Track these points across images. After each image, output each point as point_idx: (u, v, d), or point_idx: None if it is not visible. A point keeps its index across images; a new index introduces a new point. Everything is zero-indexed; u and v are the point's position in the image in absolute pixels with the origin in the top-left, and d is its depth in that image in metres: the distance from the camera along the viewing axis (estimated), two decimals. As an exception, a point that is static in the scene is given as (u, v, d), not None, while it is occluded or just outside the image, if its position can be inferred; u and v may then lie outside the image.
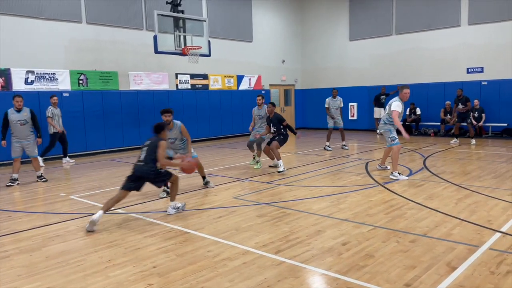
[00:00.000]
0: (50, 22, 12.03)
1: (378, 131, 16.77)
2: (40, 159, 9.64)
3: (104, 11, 13.19)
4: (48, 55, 12.00)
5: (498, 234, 4.57)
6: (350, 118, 18.73)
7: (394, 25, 17.28)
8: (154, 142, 5.57)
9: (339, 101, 12.21)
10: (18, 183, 8.32)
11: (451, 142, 13.05)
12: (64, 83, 12.27)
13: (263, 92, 18.42)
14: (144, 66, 14.23)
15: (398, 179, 7.64)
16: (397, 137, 7.91)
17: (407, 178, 7.74)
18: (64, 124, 11.38)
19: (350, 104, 18.69)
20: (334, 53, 19.44)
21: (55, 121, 10.94)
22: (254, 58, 18.29)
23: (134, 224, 5.37)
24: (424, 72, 16.50)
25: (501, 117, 14.61)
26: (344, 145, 12.38)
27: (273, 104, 8.88)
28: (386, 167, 8.59)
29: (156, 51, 11.48)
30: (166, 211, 5.82)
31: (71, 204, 6.69)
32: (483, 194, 6.37)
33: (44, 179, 8.65)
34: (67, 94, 12.27)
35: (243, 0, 17.68)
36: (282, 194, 6.85)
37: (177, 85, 15.31)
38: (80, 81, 12.67)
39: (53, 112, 10.91)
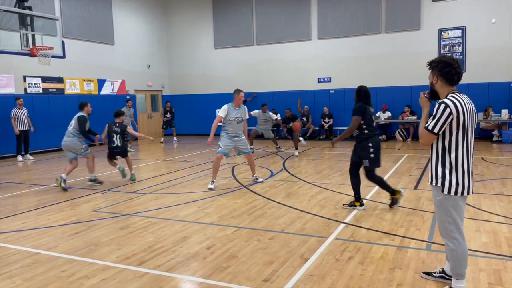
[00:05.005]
0: None
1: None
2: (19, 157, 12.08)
3: None
4: None
5: (342, 225, 5.19)
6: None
7: (255, 36, 18.32)
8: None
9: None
10: None
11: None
12: None
13: (128, 97, 17.65)
14: (-17, 66, 12.36)
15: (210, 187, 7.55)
16: (221, 146, 7.69)
17: (213, 187, 7.58)
18: None
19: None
20: (200, 60, 19.70)
21: (18, 122, 11.99)
22: (117, 61, 17.42)
23: (-32, 251, 4.61)
24: (282, 80, 17.87)
25: (346, 121, 16.63)
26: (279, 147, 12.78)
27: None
28: (257, 179, 8.15)
29: (-3, 50, 10.07)
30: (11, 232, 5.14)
31: None
32: (331, 190, 7.17)
33: None
34: None
35: (102, 0, 16.70)
36: (148, 203, 6.66)
37: (25, 88, 13.66)
38: None
39: (16, 113, 11.95)
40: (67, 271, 3.96)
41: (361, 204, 5.91)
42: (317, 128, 16.64)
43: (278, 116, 13.45)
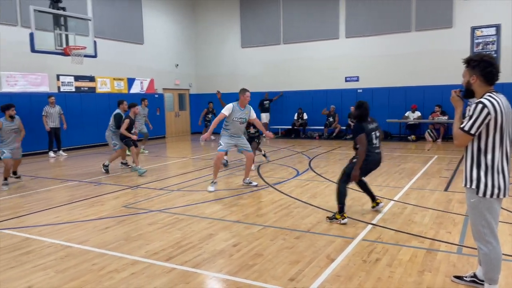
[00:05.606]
0: None
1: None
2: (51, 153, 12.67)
3: (-33, 2, 11.58)
4: None
5: (369, 226, 5.12)
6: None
7: (282, 35, 18.28)
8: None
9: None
10: None
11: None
12: None
13: (156, 96, 17.98)
14: (20, 66, 12.84)
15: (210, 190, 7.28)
16: (222, 144, 7.39)
17: (213, 190, 7.30)
18: None
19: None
20: (227, 59, 19.81)
21: (49, 119, 12.44)
22: (146, 61, 17.75)
23: (6, 241, 4.82)
24: (309, 79, 17.74)
25: (374, 121, 16.35)
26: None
27: None
28: (251, 182, 7.75)
29: (33, 50, 10.45)
30: (43, 225, 5.33)
31: None
32: (358, 191, 7.04)
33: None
34: None
35: (132, 1, 17.06)
36: (175, 200, 6.76)
37: (59, 87, 14.12)
38: None
39: (47, 111, 12.43)
40: (98, 265, 4.07)
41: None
42: (344, 127, 16.44)
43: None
